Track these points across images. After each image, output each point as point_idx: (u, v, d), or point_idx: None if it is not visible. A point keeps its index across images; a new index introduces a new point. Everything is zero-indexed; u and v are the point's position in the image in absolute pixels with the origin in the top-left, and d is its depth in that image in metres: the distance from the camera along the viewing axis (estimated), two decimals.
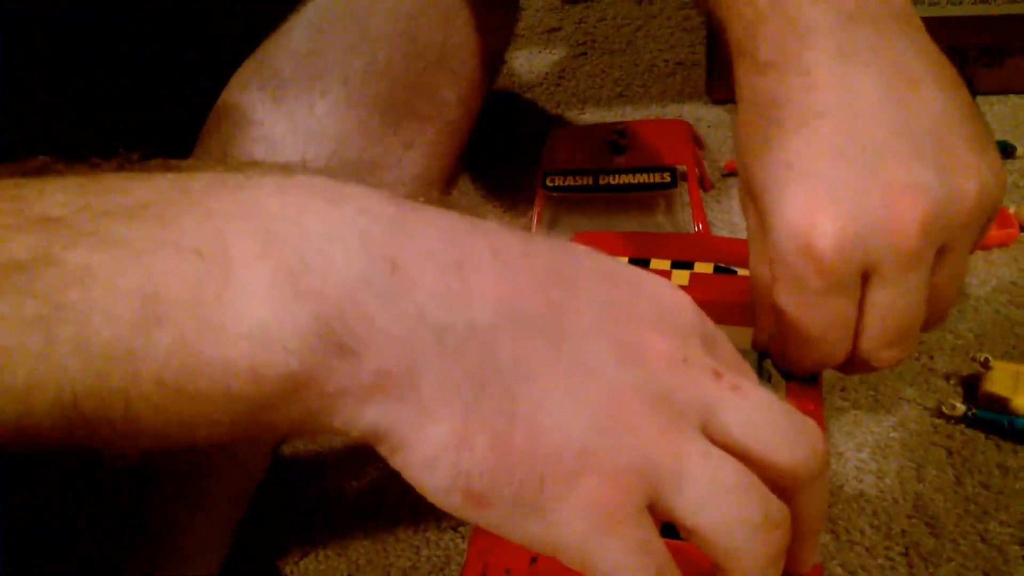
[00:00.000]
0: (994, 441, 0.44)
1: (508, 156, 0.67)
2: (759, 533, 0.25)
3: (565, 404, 0.24)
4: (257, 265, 0.22)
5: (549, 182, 0.59)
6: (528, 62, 0.79)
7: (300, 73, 0.49)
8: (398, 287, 0.23)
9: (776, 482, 0.27)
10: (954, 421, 0.45)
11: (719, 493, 0.25)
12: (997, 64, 0.67)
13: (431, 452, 0.23)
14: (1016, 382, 0.44)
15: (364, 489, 0.44)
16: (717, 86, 0.71)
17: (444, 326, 0.23)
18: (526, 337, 0.24)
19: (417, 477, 0.24)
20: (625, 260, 0.43)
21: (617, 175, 0.59)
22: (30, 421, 0.21)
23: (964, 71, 0.65)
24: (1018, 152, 0.62)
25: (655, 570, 0.25)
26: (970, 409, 0.45)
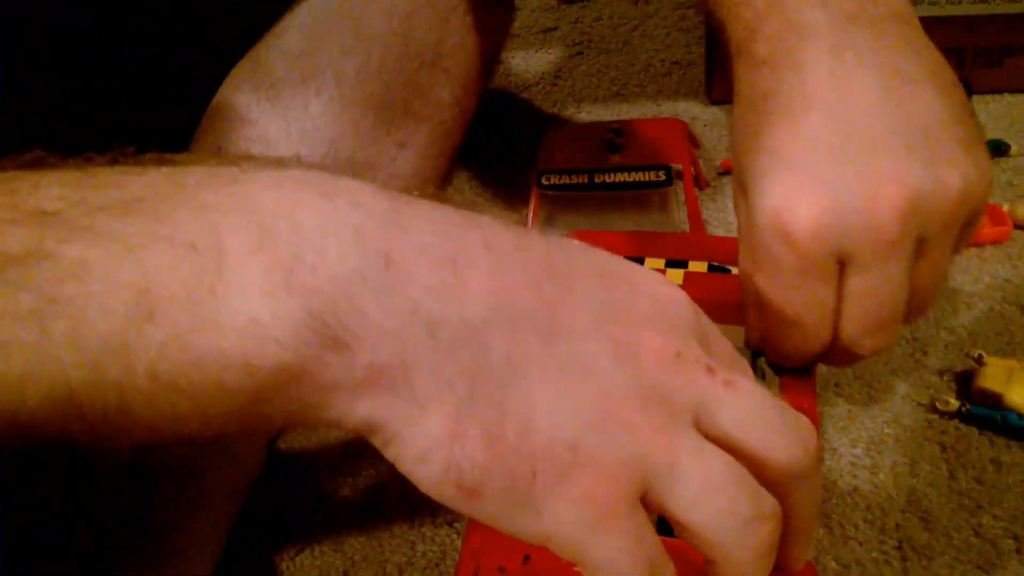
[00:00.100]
0: (988, 436, 0.44)
1: (504, 156, 0.67)
2: (750, 528, 0.25)
3: (558, 399, 0.24)
4: (251, 259, 0.22)
5: (544, 180, 0.59)
6: (524, 62, 0.79)
7: (294, 73, 0.49)
8: (392, 281, 0.23)
9: (769, 478, 0.27)
10: (948, 417, 0.45)
11: (711, 488, 0.25)
12: (996, 64, 0.67)
13: (424, 445, 0.23)
14: (1009, 378, 0.44)
15: (360, 485, 0.44)
16: (716, 87, 0.71)
17: (438, 320, 0.24)
18: (519, 332, 0.25)
19: (410, 469, 0.24)
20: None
21: (612, 173, 0.59)
22: (25, 414, 0.21)
23: (962, 71, 0.66)
24: (1012, 150, 0.62)
25: (647, 563, 0.25)
26: (964, 405, 0.45)
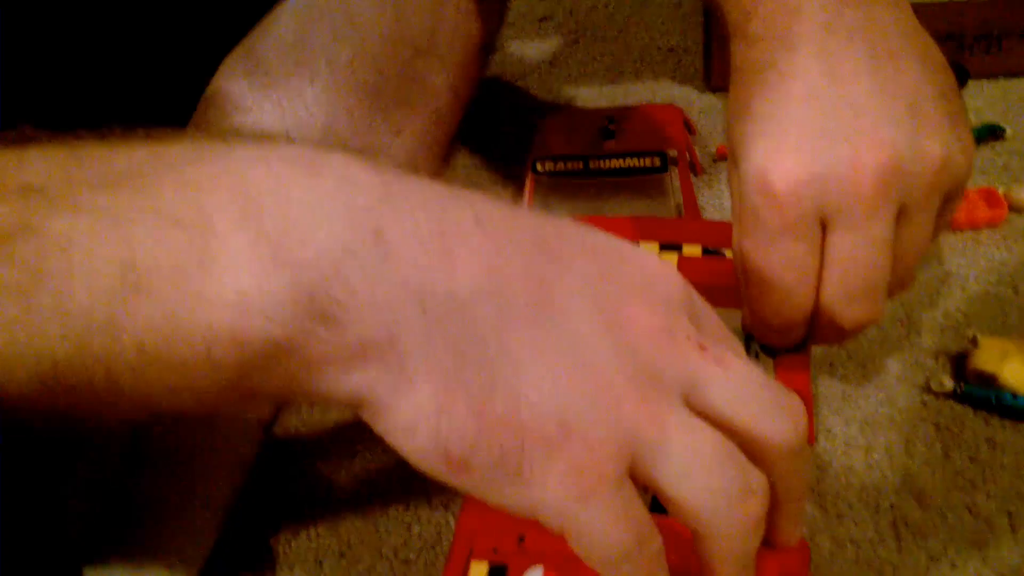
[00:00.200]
0: (982, 416, 0.44)
1: (500, 143, 0.67)
2: (738, 503, 0.26)
3: (547, 372, 0.25)
4: (238, 234, 0.22)
5: (539, 167, 0.59)
6: (520, 50, 0.79)
7: (287, 61, 0.49)
8: (381, 256, 0.23)
9: (758, 455, 0.27)
10: (943, 397, 0.45)
11: (699, 463, 0.25)
12: (994, 49, 0.67)
13: (412, 417, 0.23)
14: (1003, 358, 0.44)
15: (356, 469, 0.44)
16: (714, 74, 0.71)
17: (427, 295, 0.24)
18: (509, 306, 0.25)
19: (398, 442, 0.24)
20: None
21: (607, 160, 0.59)
22: (11, 389, 0.21)
23: (960, 56, 0.66)
24: (1008, 134, 0.62)
25: (636, 535, 0.25)
26: (958, 385, 0.45)
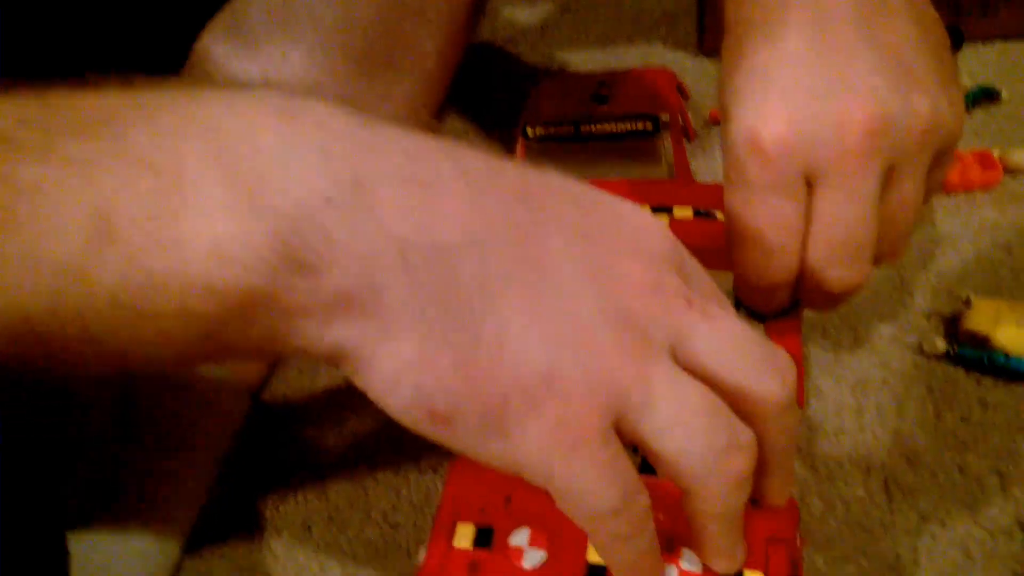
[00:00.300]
0: (974, 377, 0.44)
1: (491, 109, 0.67)
2: (724, 458, 0.25)
3: (531, 325, 0.24)
4: (212, 181, 0.22)
5: (530, 131, 0.58)
6: (512, 15, 0.78)
7: (272, 23, 0.48)
8: (360, 204, 0.23)
9: (745, 411, 0.26)
10: (935, 358, 0.45)
11: (684, 417, 0.25)
12: (991, 11, 0.66)
13: (393, 370, 0.23)
14: (996, 319, 0.44)
15: (344, 433, 0.44)
16: (708, 38, 0.70)
17: (408, 245, 0.23)
18: (493, 257, 0.24)
19: (380, 395, 0.24)
20: None
21: (599, 123, 0.58)
22: None
23: (956, 19, 0.65)
24: (1004, 96, 0.62)
25: (621, 491, 0.25)
26: (951, 346, 0.44)
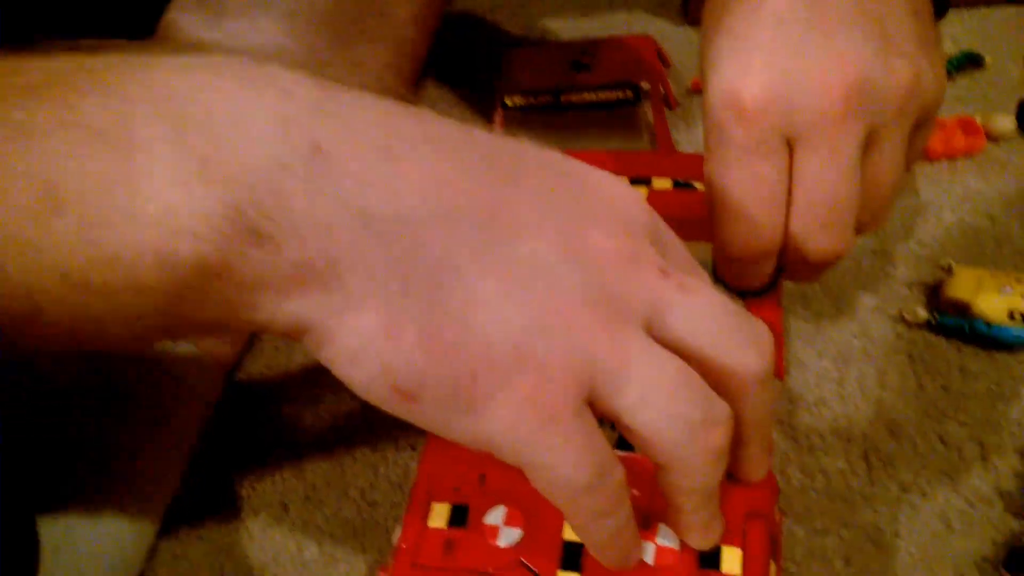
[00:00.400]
0: (955, 345, 0.43)
1: (469, 78, 0.65)
2: (699, 432, 0.25)
3: (500, 297, 0.23)
4: (163, 147, 0.21)
5: (508, 101, 0.57)
6: None
7: None
8: (321, 172, 0.22)
9: (722, 384, 0.26)
10: (916, 327, 0.45)
11: (660, 391, 0.24)
12: None
13: (357, 344, 0.22)
14: (978, 287, 0.44)
15: (321, 412, 0.43)
16: (691, 6, 0.70)
17: (370, 214, 0.22)
18: (460, 227, 0.23)
19: (343, 371, 0.23)
20: None
21: (578, 92, 0.57)
22: None
23: None
24: (987, 62, 0.61)
25: (595, 466, 0.24)
26: (933, 315, 0.44)
